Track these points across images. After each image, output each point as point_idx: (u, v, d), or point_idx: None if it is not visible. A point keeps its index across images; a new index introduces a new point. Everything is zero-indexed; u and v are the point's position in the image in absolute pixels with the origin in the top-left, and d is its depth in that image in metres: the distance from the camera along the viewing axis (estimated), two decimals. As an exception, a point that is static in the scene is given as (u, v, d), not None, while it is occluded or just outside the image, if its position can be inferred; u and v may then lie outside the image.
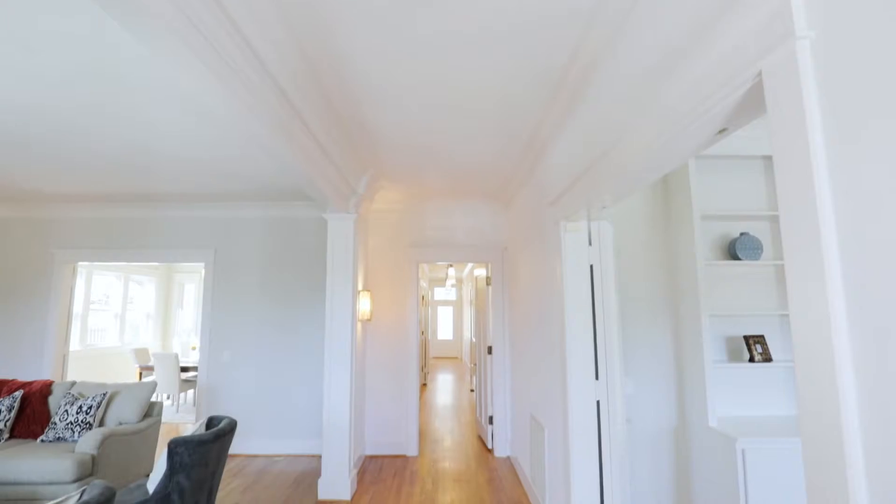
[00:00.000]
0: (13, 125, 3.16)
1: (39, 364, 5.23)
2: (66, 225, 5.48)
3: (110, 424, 3.94)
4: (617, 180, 2.04)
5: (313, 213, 5.33)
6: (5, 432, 3.85)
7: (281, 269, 5.29)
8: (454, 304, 15.53)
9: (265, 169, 4.15)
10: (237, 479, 4.32)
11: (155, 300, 9.24)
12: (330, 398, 3.97)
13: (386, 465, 4.65)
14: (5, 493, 3.36)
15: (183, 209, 5.37)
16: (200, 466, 2.75)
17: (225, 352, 5.19)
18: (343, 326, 4.05)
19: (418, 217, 5.28)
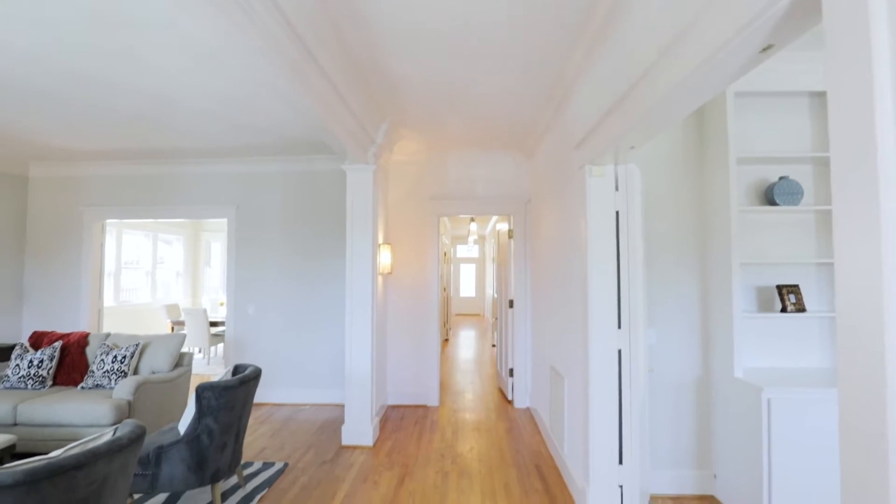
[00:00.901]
0: (33, 76, 3.14)
1: (76, 318, 5.47)
2: (93, 183, 5.58)
3: (144, 373, 4.12)
4: (648, 114, 1.89)
5: (333, 166, 5.26)
6: (48, 380, 4.07)
7: (302, 224, 5.30)
8: (476, 261, 15.52)
9: (282, 120, 4.06)
10: (265, 426, 4.51)
11: (183, 259, 9.49)
12: (351, 349, 4.03)
13: (407, 415, 4.77)
14: (51, 434, 3.59)
15: (205, 165, 5.38)
16: (227, 410, 2.84)
17: (250, 305, 5.32)
18: (363, 279, 4.06)
19: (439, 169, 5.16)
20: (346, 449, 3.90)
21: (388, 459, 3.68)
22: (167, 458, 2.74)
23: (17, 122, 4.06)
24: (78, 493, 1.77)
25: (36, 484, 1.65)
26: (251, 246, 5.35)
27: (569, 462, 3.19)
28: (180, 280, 9.43)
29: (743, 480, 2.69)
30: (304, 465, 3.58)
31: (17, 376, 3.99)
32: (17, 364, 4.04)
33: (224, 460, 2.89)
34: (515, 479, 3.31)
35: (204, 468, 2.78)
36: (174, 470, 2.74)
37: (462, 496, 3.06)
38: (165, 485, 2.74)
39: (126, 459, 1.95)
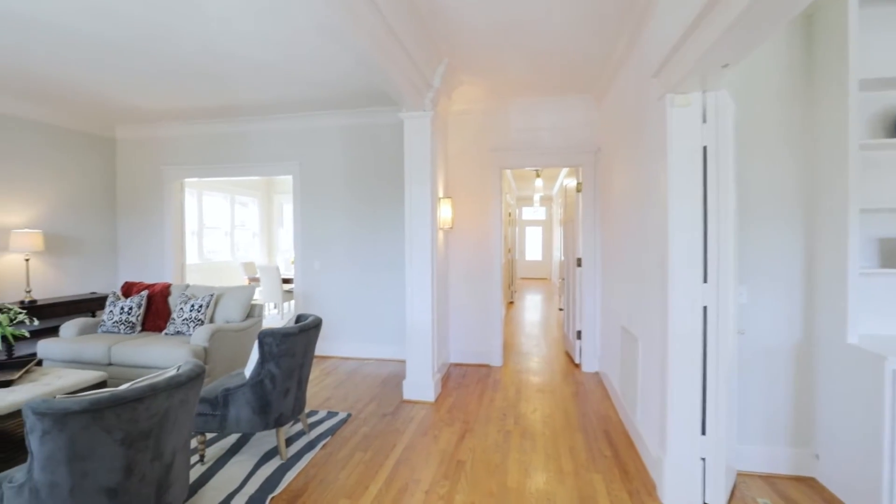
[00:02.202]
0: (106, 29, 3.22)
1: (162, 271, 5.90)
2: (171, 143, 5.87)
3: (219, 322, 4.34)
4: (747, 14, 1.50)
5: (392, 119, 5.11)
6: (137, 325, 4.41)
7: (363, 178, 5.25)
8: (543, 223, 14.99)
9: (341, 71, 3.93)
10: (330, 377, 4.63)
11: (258, 219, 9.97)
12: (412, 304, 3.96)
13: (470, 373, 4.69)
14: (139, 374, 3.88)
15: (269, 122, 5.45)
16: (288, 356, 2.87)
17: (315, 261, 5.42)
18: (423, 233, 3.93)
19: (501, 118, 4.84)
20: (407, 403, 3.90)
21: (448, 415, 3.61)
22: (234, 401, 2.84)
23: (97, 81, 4.26)
24: (140, 424, 1.82)
25: (100, 412, 1.70)
26: (315, 201, 5.41)
27: (642, 429, 2.93)
28: (256, 240, 9.95)
29: (854, 464, 2.30)
30: (366, 417, 3.62)
31: (112, 321, 4.36)
32: (110, 310, 4.40)
33: (287, 406, 2.95)
34: (582, 443, 3.11)
35: (268, 412, 2.85)
36: (240, 412, 2.83)
37: (524, 456, 2.93)
38: (233, 425, 2.85)
39: (185, 396, 1.99)
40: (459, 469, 2.78)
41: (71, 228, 5.50)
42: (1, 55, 3.64)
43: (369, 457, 2.96)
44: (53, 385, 2.96)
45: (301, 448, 3.09)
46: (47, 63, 3.80)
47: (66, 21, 3.07)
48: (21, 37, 3.32)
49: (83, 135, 5.65)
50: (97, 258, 5.81)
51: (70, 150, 5.50)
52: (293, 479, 2.70)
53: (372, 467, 2.82)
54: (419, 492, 2.55)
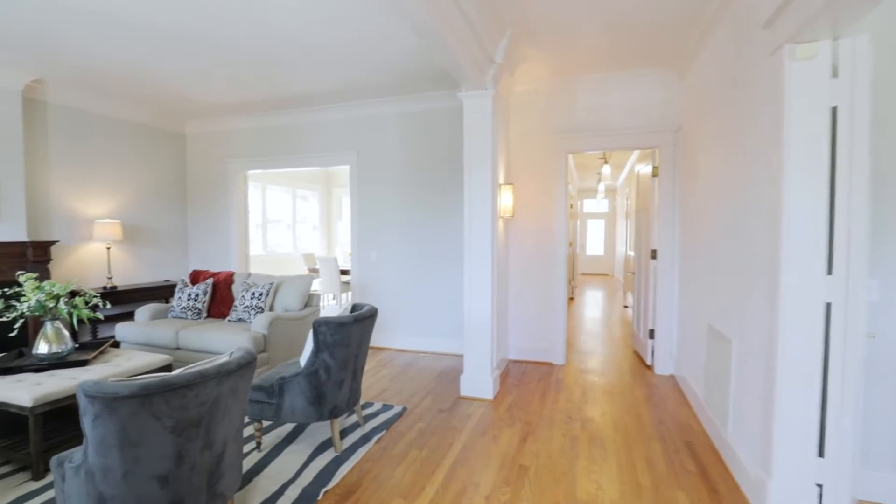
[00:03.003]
0: (164, 16, 3.26)
1: (227, 261, 6.08)
2: (234, 137, 6.03)
3: (278, 310, 4.35)
4: None
5: (448, 103, 4.92)
6: (203, 312, 4.52)
7: (418, 166, 5.11)
8: (606, 216, 14.27)
9: (395, 48, 3.78)
10: (386, 369, 4.53)
11: (318, 213, 10.18)
12: (471, 296, 3.75)
13: (530, 371, 4.42)
14: (202, 359, 3.96)
15: (326, 112, 5.44)
16: (342, 346, 2.76)
17: (372, 252, 5.35)
18: (483, 221, 3.70)
19: (567, 96, 4.49)
20: (463, 399, 3.70)
21: (508, 415, 3.38)
22: (289, 390, 2.76)
23: (167, 76, 4.39)
24: (190, 412, 1.74)
25: (149, 398, 1.63)
26: (372, 191, 5.34)
27: (735, 444, 2.54)
28: (316, 233, 10.17)
29: None
30: (422, 412, 3.46)
31: (180, 307, 4.50)
32: (179, 297, 4.55)
33: (342, 397, 2.84)
34: (660, 453, 2.76)
35: (322, 402, 2.76)
36: (295, 401, 2.76)
37: (594, 465, 2.64)
38: (288, 415, 2.78)
39: (235, 384, 1.89)
40: (522, 475, 2.54)
41: (146, 219, 5.78)
42: (85, 57, 3.82)
43: (425, 455, 2.79)
44: (123, 366, 3.04)
45: (355, 441, 2.98)
46: (124, 62, 3.94)
47: (133, 14, 3.12)
48: (99, 36, 3.43)
49: (157, 131, 5.91)
50: (170, 247, 6.09)
51: (146, 145, 5.77)
52: (347, 474, 2.58)
53: (428, 466, 2.65)
54: (478, 497, 2.34)
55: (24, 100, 4.48)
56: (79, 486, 1.74)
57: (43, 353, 3.00)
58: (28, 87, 4.46)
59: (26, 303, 2.95)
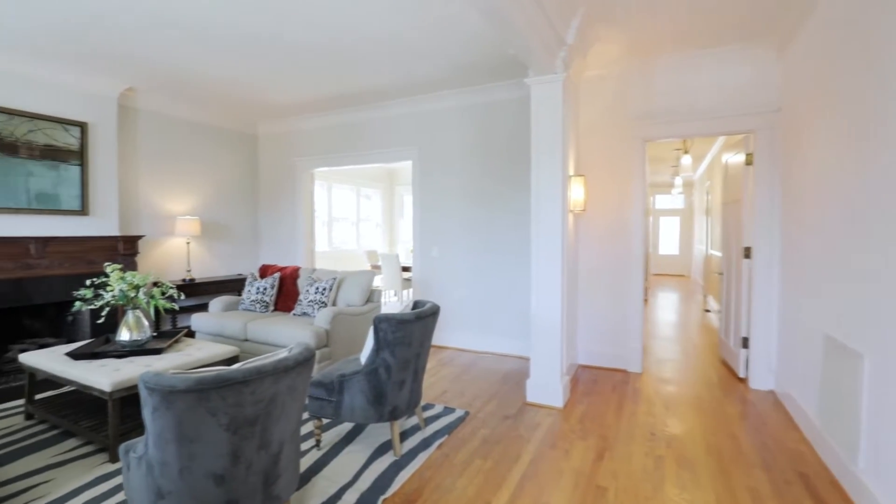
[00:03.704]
0: (227, 19, 3.30)
1: (294, 257, 6.23)
2: (301, 136, 6.16)
3: (340, 306, 4.34)
4: None
5: (512, 93, 4.68)
6: (270, 305, 4.62)
7: (481, 160, 4.91)
8: (681, 213, 13.28)
9: (460, 35, 3.61)
10: (446, 369, 4.38)
11: (381, 211, 10.28)
12: (538, 296, 3.50)
13: (602, 378, 4.08)
14: (270, 351, 4.01)
15: (388, 108, 5.39)
16: (403, 345, 2.63)
17: (434, 248, 5.23)
18: (552, 216, 3.44)
19: (644, 79, 4.09)
20: (530, 406, 3.46)
21: (580, 426, 3.10)
22: (348, 388, 2.68)
23: (239, 77, 4.51)
24: (246, 409, 1.66)
25: (206, 392, 1.57)
26: (433, 186, 5.21)
27: (870, 482, 2.10)
28: (378, 230, 10.28)
29: None
30: (486, 417, 3.26)
31: (249, 300, 4.62)
32: (248, 290, 4.68)
33: (402, 398, 2.71)
34: (766, 485, 2.37)
35: (382, 403, 2.64)
36: (354, 400, 2.66)
37: (685, 493, 2.30)
38: (347, 413, 2.69)
39: (293, 382, 1.80)
40: (600, 498, 2.27)
41: (222, 216, 6.05)
42: (169, 65, 4.01)
43: (490, 466, 2.59)
44: (193, 356, 3.11)
45: (416, 445, 2.84)
46: (202, 67, 4.09)
47: (210, 19, 3.18)
48: (180, 43, 3.55)
49: (232, 133, 6.17)
50: (243, 243, 6.34)
51: (222, 146, 6.04)
52: (407, 481, 2.44)
53: (493, 479, 2.45)
54: (549, 519, 2.11)
55: (119, 106, 4.80)
56: (140, 477, 1.72)
57: (124, 340, 3.14)
58: (122, 95, 4.77)
59: (111, 292, 3.10)
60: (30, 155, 4.01)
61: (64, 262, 4.20)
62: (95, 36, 3.55)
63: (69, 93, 4.29)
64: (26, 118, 3.98)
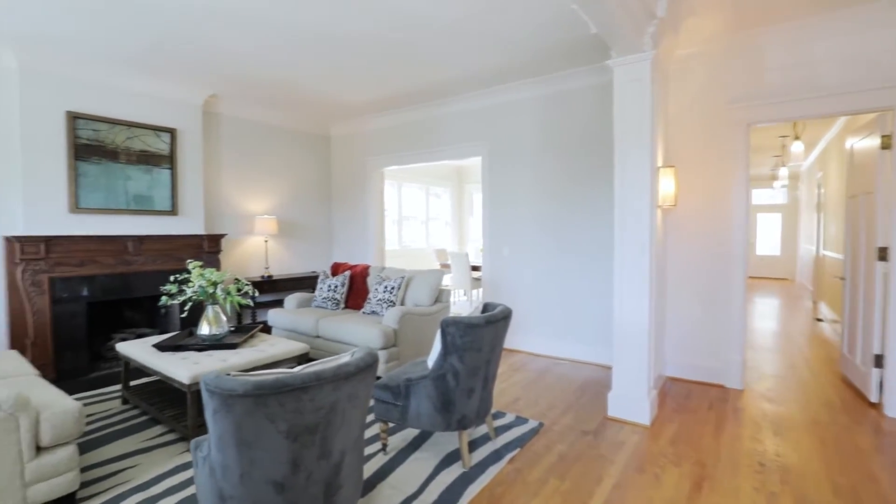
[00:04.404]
0: (297, 18, 3.31)
1: (365, 255, 6.29)
2: (371, 135, 6.20)
3: (408, 305, 4.26)
4: None
5: (588, 80, 4.32)
6: (341, 302, 4.65)
7: (555, 154, 4.60)
8: (784, 209, 11.88)
9: (534, 19, 3.36)
10: (518, 374, 4.14)
11: (450, 209, 10.20)
12: (622, 300, 3.17)
13: (695, 393, 3.64)
14: (338, 349, 4.02)
15: (456, 103, 5.24)
16: (473, 351, 2.45)
17: (504, 247, 5.00)
18: (638, 212, 3.09)
19: (749, 56, 3.58)
20: (612, 421, 3.14)
21: (672, 449, 2.74)
22: (415, 393, 2.55)
23: (314, 78, 4.57)
24: (306, 417, 1.56)
25: (264, 398, 1.49)
26: (504, 182, 4.98)
27: None
28: (448, 229, 10.21)
29: None
30: (562, 430, 3.00)
31: (321, 297, 4.69)
32: (320, 287, 4.75)
33: (471, 407, 2.54)
34: (920, 541, 1.91)
35: (450, 411, 2.48)
36: (421, 406, 2.53)
37: (810, 543, 1.91)
38: (413, 419, 2.56)
39: (354, 389, 1.68)
40: (700, 538, 1.94)
41: (297, 215, 6.25)
42: (247, 70, 4.17)
43: (568, 487, 2.34)
44: (266, 352, 3.15)
45: (486, 457, 2.65)
46: (277, 71, 4.19)
47: (284, 16, 3.21)
48: (257, 46, 3.64)
49: (307, 135, 6.36)
50: (317, 241, 6.52)
51: (297, 148, 6.24)
52: (476, 497, 2.26)
53: (571, 503, 2.20)
54: (639, 558, 1.83)
55: (203, 113, 5.09)
56: (205, 477, 1.69)
57: (204, 335, 3.25)
58: (206, 102, 5.05)
59: (191, 288, 3.22)
60: (128, 160, 4.34)
61: (157, 259, 4.51)
62: (182, 46, 3.73)
63: (160, 101, 4.59)
64: (125, 126, 4.32)
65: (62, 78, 3.97)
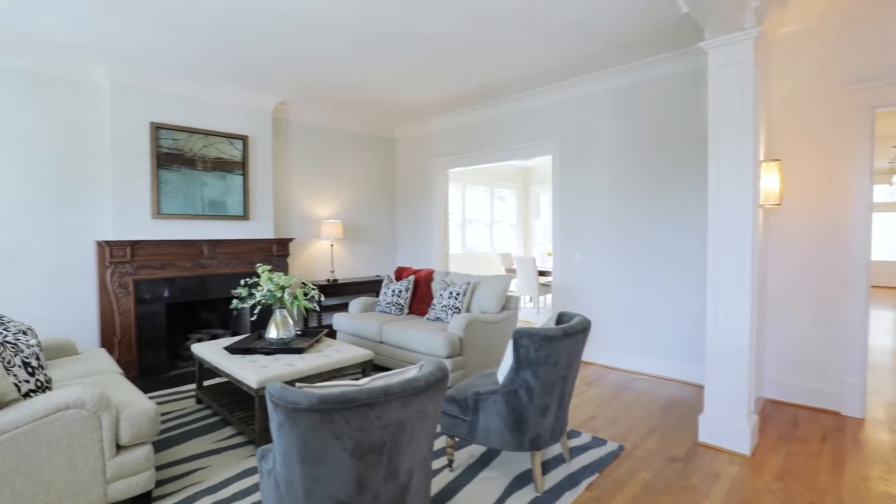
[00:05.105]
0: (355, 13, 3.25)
1: (428, 258, 6.20)
2: (436, 137, 6.12)
3: (474, 312, 4.09)
4: None
5: (675, 68, 3.94)
6: (405, 308, 4.57)
7: (635, 150, 4.25)
8: (900, 209, 10.43)
9: (595, 6, 3.08)
10: (592, 389, 3.83)
11: (515, 212, 9.93)
12: (716, 312, 2.81)
13: (803, 420, 3.17)
14: (402, 356, 3.93)
15: (525, 99, 5.02)
16: (548, 366, 2.23)
17: (576, 252, 4.70)
18: (737, 213, 2.73)
19: (873, 30, 3.07)
20: (704, 448, 2.79)
21: (780, 486, 2.36)
22: (484, 408, 2.37)
23: (377, 80, 4.55)
24: (372, 435, 1.43)
25: (329, 413, 1.37)
26: (577, 183, 4.68)
27: None
28: (513, 232, 9.94)
29: None
30: (646, 456, 2.69)
31: (385, 302, 4.63)
32: (384, 292, 4.70)
33: (545, 427, 2.32)
34: None
35: (522, 429, 2.28)
36: (490, 422, 2.35)
37: None
38: (482, 436, 2.38)
39: (423, 406, 1.53)
40: None
41: (361, 219, 6.29)
42: (315, 75, 4.22)
43: (658, 525, 2.05)
44: (331, 358, 3.10)
45: (560, 481, 2.42)
46: (343, 75, 4.22)
47: (350, 17, 3.18)
48: (324, 48, 3.65)
49: (371, 138, 6.40)
50: (380, 244, 6.53)
51: (362, 152, 6.29)
52: (552, 528, 2.04)
53: (664, 545, 1.92)
54: None
55: (273, 119, 5.24)
56: (270, 491, 1.61)
57: (272, 338, 3.27)
58: (276, 108, 5.19)
59: (260, 292, 3.25)
60: (204, 167, 4.53)
61: (229, 262, 4.67)
62: (254, 54, 3.82)
63: (234, 109, 4.77)
64: (202, 135, 4.51)
65: (145, 90, 4.21)
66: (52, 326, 3.92)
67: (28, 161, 3.83)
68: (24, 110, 3.80)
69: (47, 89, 3.89)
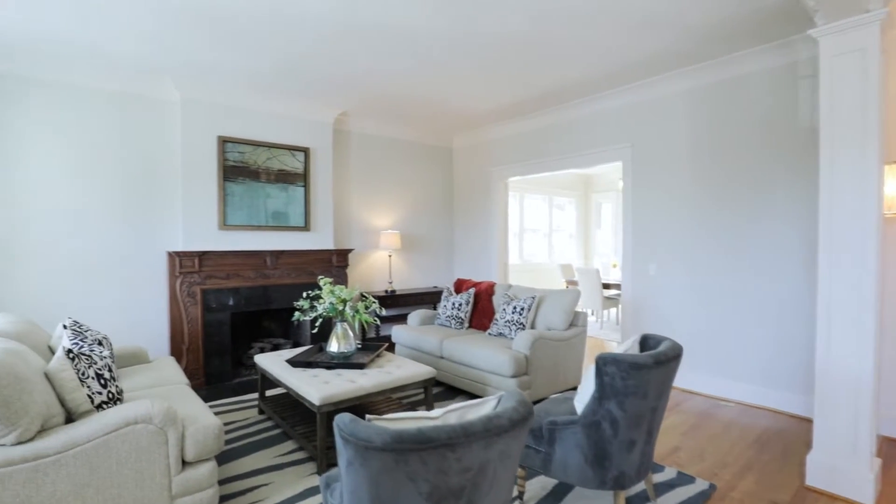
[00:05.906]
0: (396, 17, 3.14)
1: (488, 270, 6.01)
2: (496, 145, 5.95)
3: (540, 328, 3.85)
4: None
5: (769, 62, 3.55)
6: (465, 322, 4.40)
7: (718, 154, 3.86)
8: None
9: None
10: (673, 416, 3.48)
11: (575, 221, 9.54)
12: (829, 336, 2.43)
13: (937, 466, 2.68)
14: (465, 373, 3.76)
15: (592, 102, 4.74)
16: (637, 397, 1.98)
17: (650, 265, 4.34)
18: (855, 224, 2.36)
19: None
20: (813, 493, 2.41)
21: (927, 552, 1.96)
22: (561, 440, 2.14)
23: (435, 88, 4.45)
24: (450, 479, 1.26)
25: (404, 454, 1.21)
26: (650, 191, 4.34)
27: None
28: (572, 242, 9.54)
29: None
30: (743, 498, 2.36)
31: (445, 315, 4.49)
32: (444, 305, 4.56)
33: (631, 463, 2.06)
34: None
35: (604, 466, 2.03)
36: (568, 456, 2.12)
37: None
38: (559, 470, 2.15)
39: (506, 446, 1.35)
40: None
41: (419, 229, 6.21)
42: (374, 85, 4.21)
43: (775, 593, 1.74)
44: (393, 374, 2.99)
45: (648, 526, 2.14)
46: (401, 84, 4.17)
47: (411, 24, 3.09)
48: (388, 55, 3.59)
49: (429, 147, 6.33)
50: (438, 255, 6.42)
51: (420, 161, 6.23)
52: (644, 585, 1.78)
53: None
54: None
55: (334, 130, 5.28)
56: (336, 530, 1.48)
57: (333, 352, 3.21)
58: (336, 120, 5.23)
59: (322, 305, 3.20)
60: (267, 179, 4.62)
61: (291, 273, 4.71)
62: (316, 67, 3.84)
63: (296, 122, 4.83)
64: (265, 148, 4.60)
65: (213, 105, 4.34)
66: (126, 334, 4.08)
67: (108, 175, 4.03)
68: (105, 128, 4.01)
69: (124, 107, 4.09)
